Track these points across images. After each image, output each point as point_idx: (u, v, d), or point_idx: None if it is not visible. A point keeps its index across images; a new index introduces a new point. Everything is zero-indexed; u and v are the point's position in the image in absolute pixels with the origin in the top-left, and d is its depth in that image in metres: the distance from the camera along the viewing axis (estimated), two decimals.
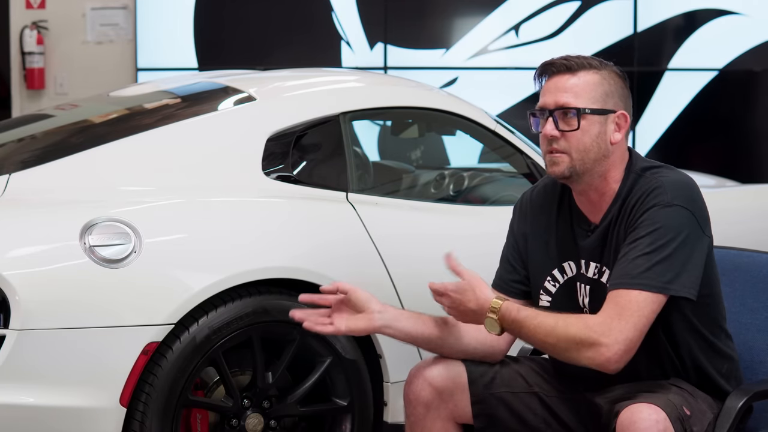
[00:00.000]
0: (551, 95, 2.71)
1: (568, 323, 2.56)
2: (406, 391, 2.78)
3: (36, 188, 3.43)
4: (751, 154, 8.33)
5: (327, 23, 8.09)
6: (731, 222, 4.29)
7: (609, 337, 2.52)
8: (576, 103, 2.68)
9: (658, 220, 2.59)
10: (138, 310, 3.22)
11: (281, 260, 3.45)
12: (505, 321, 2.62)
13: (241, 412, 3.43)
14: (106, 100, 4.38)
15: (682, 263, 2.58)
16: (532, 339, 2.63)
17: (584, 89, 2.69)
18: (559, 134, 2.68)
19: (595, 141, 2.69)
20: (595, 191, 2.72)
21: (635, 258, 2.57)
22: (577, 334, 2.53)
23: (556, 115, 2.69)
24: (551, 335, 2.56)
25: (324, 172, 3.77)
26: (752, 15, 7.96)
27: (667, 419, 2.46)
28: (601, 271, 2.72)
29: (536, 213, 2.84)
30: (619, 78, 2.75)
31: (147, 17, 8.05)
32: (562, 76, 2.71)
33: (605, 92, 2.71)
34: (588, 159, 2.68)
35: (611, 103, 2.71)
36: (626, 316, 2.53)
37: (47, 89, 8.06)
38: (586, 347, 2.53)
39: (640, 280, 2.55)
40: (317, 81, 4.32)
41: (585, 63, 2.72)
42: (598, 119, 2.69)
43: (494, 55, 8.08)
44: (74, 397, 3.17)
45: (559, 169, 2.69)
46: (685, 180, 2.69)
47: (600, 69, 2.73)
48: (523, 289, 2.87)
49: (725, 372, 2.74)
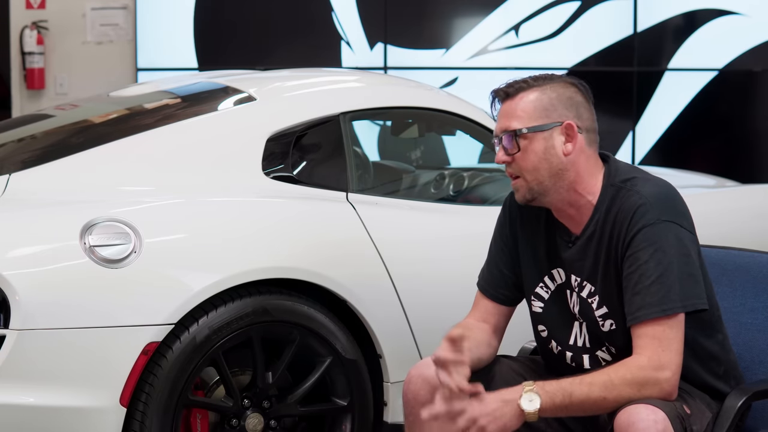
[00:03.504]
0: (499, 123, 2.76)
1: (618, 372, 2.53)
2: (405, 391, 2.78)
3: (36, 188, 3.43)
4: (751, 154, 8.32)
5: (327, 23, 8.09)
6: (731, 222, 4.29)
7: (663, 371, 2.54)
8: (514, 125, 2.70)
9: (654, 240, 2.59)
10: (138, 310, 3.22)
11: (281, 260, 3.45)
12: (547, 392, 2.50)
13: (241, 412, 3.43)
14: (106, 100, 4.38)
15: (689, 275, 2.60)
16: (588, 400, 2.53)
17: (523, 110, 2.71)
18: (510, 158, 2.72)
19: (543, 158, 2.68)
20: (569, 206, 2.72)
21: (650, 285, 2.57)
22: (634, 379, 2.53)
23: (503, 141, 2.73)
24: (609, 388, 2.52)
25: (324, 172, 3.77)
26: (752, 15, 7.96)
27: (666, 419, 2.46)
28: (581, 285, 2.72)
29: (524, 216, 2.84)
30: (567, 88, 2.72)
31: (147, 17, 8.05)
32: (506, 103, 2.75)
33: (543, 107, 2.70)
34: (542, 177, 2.68)
35: (555, 115, 2.69)
36: (666, 346, 2.55)
37: (47, 89, 8.06)
38: (647, 387, 2.53)
39: (663, 306, 2.56)
40: (317, 81, 4.33)
41: (524, 84, 2.73)
42: (541, 135, 2.68)
43: (494, 55, 8.08)
44: (74, 397, 3.17)
45: (520, 195, 2.72)
46: (664, 190, 2.67)
47: (541, 85, 2.72)
48: (510, 297, 2.87)
49: (722, 374, 2.75)
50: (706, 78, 8.08)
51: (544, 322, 2.81)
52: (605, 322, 2.68)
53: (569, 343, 2.77)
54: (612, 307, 2.67)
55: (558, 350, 2.79)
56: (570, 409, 2.54)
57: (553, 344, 2.80)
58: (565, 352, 2.78)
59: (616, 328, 2.67)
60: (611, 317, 2.68)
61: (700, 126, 8.15)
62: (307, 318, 3.46)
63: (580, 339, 2.76)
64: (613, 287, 2.66)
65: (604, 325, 2.69)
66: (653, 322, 2.56)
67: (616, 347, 2.69)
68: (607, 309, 2.68)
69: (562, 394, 2.52)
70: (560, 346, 2.79)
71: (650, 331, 2.56)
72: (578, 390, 2.53)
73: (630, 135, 8.12)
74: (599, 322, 2.70)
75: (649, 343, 2.55)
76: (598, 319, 2.69)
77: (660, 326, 2.56)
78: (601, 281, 2.68)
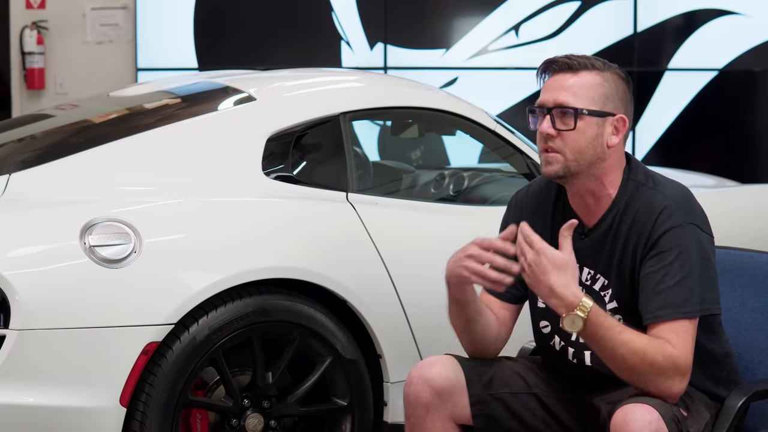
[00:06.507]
0: (550, 93, 2.69)
1: (656, 349, 2.52)
2: (406, 391, 2.78)
3: (36, 188, 3.43)
4: (751, 154, 8.32)
5: (327, 23, 8.09)
6: (731, 222, 4.30)
7: (684, 373, 2.55)
8: (574, 103, 2.66)
9: (680, 242, 2.59)
10: (138, 310, 3.22)
11: (281, 260, 3.45)
12: (591, 323, 2.52)
13: (241, 412, 3.43)
14: (106, 100, 4.38)
15: (708, 278, 2.61)
16: (610, 351, 2.54)
17: (584, 89, 2.68)
18: (556, 133, 2.67)
19: (591, 143, 2.67)
20: (590, 194, 2.71)
21: (673, 286, 2.57)
22: (662, 364, 2.52)
23: (553, 114, 2.67)
24: (637, 355, 2.52)
25: (324, 172, 3.77)
26: (752, 15, 7.96)
27: (660, 419, 2.46)
28: (594, 278, 2.72)
29: (531, 213, 2.83)
30: (621, 81, 2.74)
31: (147, 17, 8.05)
32: (564, 75, 2.70)
33: (605, 94, 2.69)
34: (583, 160, 2.67)
35: (610, 105, 2.70)
36: (688, 347, 2.56)
37: (47, 89, 8.06)
38: (664, 378, 2.53)
39: (684, 308, 2.56)
40: (317, 81, 4.33)
41: (588, 63, 2.71)
42: (595, 121, 2.67)
43: (494, 55, 8.08)
44: (74, 397, 3.17)
45: (553, 169, 2.67)
46: (684, 192, 2.69)
47: (603, 70, 2.71)
48: (516, 294, 2.85)
49: (724, 378, 2.75)
50: (706, 78, 8.08)
51: (547, 317, 2.80)
52: (614, 316, 2.68)
53: (572, 339, 2.76)
54: (623, 303, 2.67)
55: (560, 346, 2.79)
56: (596, 343, 2.54)
57: (555, 340, 2.80)
58: (568, 348, 2.77)
59: (624, 324, 2.67)
60: (621, 312, 2.68)
61: (700, 126, 8.15)
62: (307, 318, 3.46)
63: None
64: (626, 283, 2.66)
65: None
66: (672, 323, 2.56)
67: None
68: (617, 304, 2.68)
69: (597, 331, 2.52)
70: (563, 341, 2.78)
71: (677, 331, 2.56)
72: (611, 338, 2.52)
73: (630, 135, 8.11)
74: None
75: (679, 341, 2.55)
76: (608, 312, 2.69)
77: (679, 327, 2.56)
78: (615, 276, 2.68)
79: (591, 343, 2.57)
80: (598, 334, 2.53)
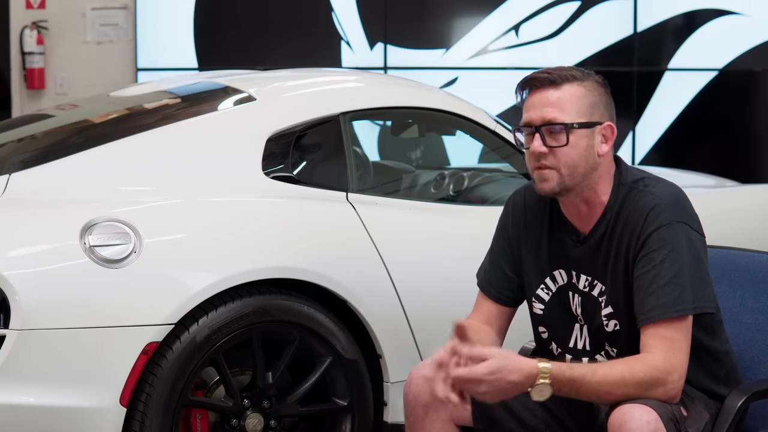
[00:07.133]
0: (536, 111, 2.65)
1: (633, 369, 2.51)
2: (406, 392, 2.78)
3: (36, 188, 3.43)
4: (751, 154, 8.32)
5: (327, 23, 8.09)
6: (731, 222, 4.30)
7: (674, 374, 2.54)
8: (563, 118, 2.63)
9: (669, 240, 2.58)
10: (138, 310, 3.22)
11: (281, 260, 3.45)
12: (559, 383, 2.49)
13: (241, 412, 3.43)
14: (106, 100, 4.38)
15: (699, 277, 2.60)
16: (594, 394, 2.52)
17: (569, 103, 2.64)
18: (548, 150, 2.63)
19: (583, 155, 2.64)
20: (584, 203, 2.70)
21: (664, 286, 2.57)
22: (645, 378, 2.51)
23: (543, 131, 2.64)
24: (620, 386, 2.51)
25: (324, 172, 3.77)
26: (752, 15, 7.96)
27: (658, 419, 2.46)
28: (592, 285, 2.71)
29: (528, 217, 2.82)
30: (601, 87, 2.70)
31: (147, 17, 8.05)
32: (546, 90, 2.65)
33: (590, 104, 2.66)
34: (577, 174, 2.65)
35: (597, 114, 2.67)
36: (678, 348, 2.55)
37: (47, 89, 8.06)
38: (655, 387, 2.52)
39: (676, 307, 2.56)
40: (317, 81, 4.33)
41: (568, 75, 2.66)
42: (585, 133, 2.65)
43: (494, 55, 8.08)
44: (74, 397, 3.17)
45: (549, 186, 2.65)
46: (676, 191, 2.68)
47: (583, 80, 2.67)
48: (513, 298, 2.85)
49: (723, 377, 2.75)
50: (706, 78, 8.08)
51: (544, 323, 2.80)
52: (610, 322, 2.68)
53: (569, 346, 2.76)
54: (617, 307, 2.67)
55: (558, 352, 2.79)
56: (579, 393, 2.52)
57: (553, 346, 2.80)
58: (565, 355, 2.78)
59: (620, 329, 2.67)
60: (616, 317, 2.67)
61: (700, 126, 8.15)
62: (307, 318, 3.46)
63: (581, 341, 2.76)
64: (620, 287, 2.66)
65: (608, 325, 2.69)
66: (665, 323, 2.56)
67: (618, 349, 2.69)
68: (612, 309, 2.68)
69: (570, 387, 2.50)
70: (560, 348, 2.79)
71: (662, 332, 2.55)
72: (587, 384, 2.50)
73: (630, 135, 8.12)
74: (604, 321, 2.70)
75: (661, 343, 2.55)
76: (603, 318, 2.69)
77: (672, 327, 2.55)
78: (610, 281, 2.68)
79: (571, 396, 2.54)
80: (573, 389, 2.51)
